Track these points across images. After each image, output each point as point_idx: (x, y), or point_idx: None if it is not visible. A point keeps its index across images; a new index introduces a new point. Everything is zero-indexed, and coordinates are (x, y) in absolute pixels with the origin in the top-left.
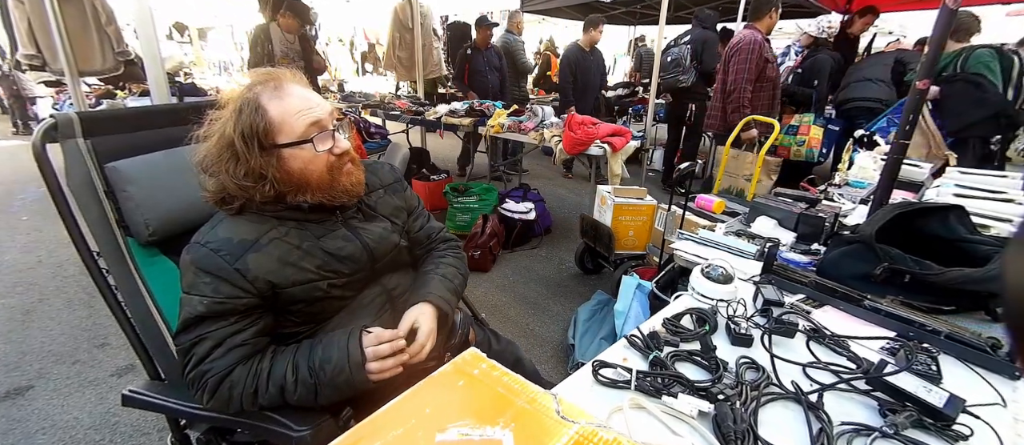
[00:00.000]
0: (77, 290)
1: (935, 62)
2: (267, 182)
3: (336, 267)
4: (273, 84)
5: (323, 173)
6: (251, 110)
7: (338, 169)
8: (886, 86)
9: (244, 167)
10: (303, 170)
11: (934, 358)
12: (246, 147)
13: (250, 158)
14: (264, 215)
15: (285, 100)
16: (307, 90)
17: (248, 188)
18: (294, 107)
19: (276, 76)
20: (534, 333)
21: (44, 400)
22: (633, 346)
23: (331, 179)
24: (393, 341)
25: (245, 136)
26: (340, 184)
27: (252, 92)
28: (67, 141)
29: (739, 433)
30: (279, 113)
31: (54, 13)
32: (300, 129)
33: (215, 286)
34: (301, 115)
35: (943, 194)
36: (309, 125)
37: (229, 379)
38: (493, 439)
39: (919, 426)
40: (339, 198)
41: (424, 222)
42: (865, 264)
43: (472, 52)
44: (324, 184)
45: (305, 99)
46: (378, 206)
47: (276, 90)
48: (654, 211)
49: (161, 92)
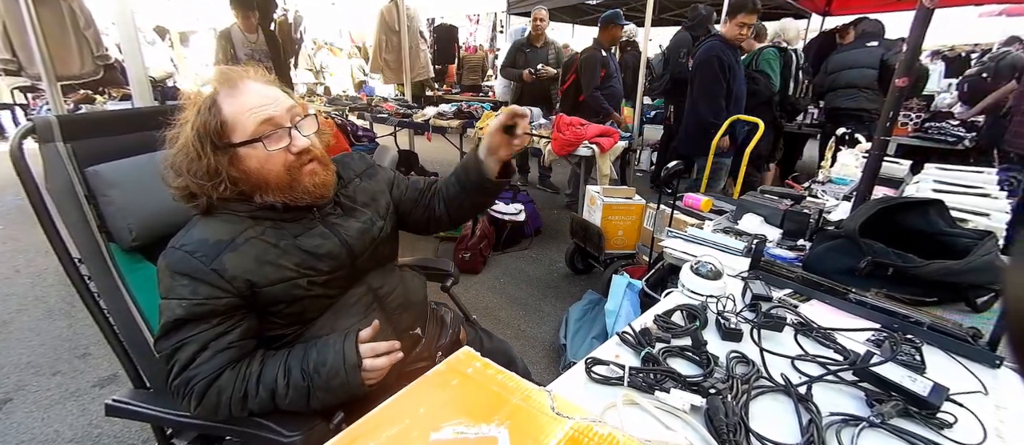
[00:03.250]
0: (57, 300)
1: (914, 61)
2: (222, 181)
3: (314, 265)
4: (230, 82)
5: (281, 173)
6: (206, 109)
7: (297, 168)
8: (873, 93)
9: (200, 166)
10: (260, 170)
11: (918, 348)
12: (201, 146)
13: (203, 157)
14: (239, 215)
15: (239, 98)
16: (267, 87)
17: (205, 186)
18: (247, 105)
19: (233, 74)
20: (526, 334)
21: (23, 413)
22: (625, 343)
23: (290, 179)
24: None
25: (200, 135)
26: (301, 184)
27: (210, 91)
28: (46, 145)
29: (731, 426)
30: (232, 111)
31: (30, 16)
32: (251, 127)
33: (193, 288)
34: (252, 113)
35: (922, 189)
36: (260, 123)
37: (217, 384)
38: (488, 437)
39: (905, 415)
40: (301, 199)
41: (406, 184)
42: (849, 258)
43: (605, 55)
44: (283, 184)
45: (261, 96)
46: (357, 196)
47: (231, 88)
48: (643, 210)
49: (143, 95)
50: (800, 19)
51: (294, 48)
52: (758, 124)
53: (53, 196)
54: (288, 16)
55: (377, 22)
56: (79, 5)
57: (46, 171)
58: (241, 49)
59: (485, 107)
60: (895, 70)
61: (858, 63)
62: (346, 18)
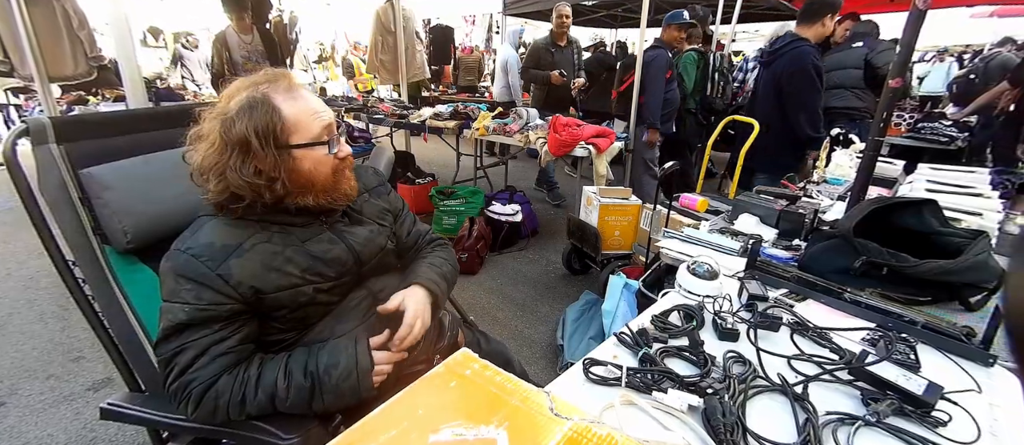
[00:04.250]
0: (49, 303)
1: (906, 62)
2: (277, 179)
3: (321, 270)
4: (285, 84)
5: (329, 175)
6: (265, 109)
7: (341, 172)
8: (860, 92)
9: (255, 165)
10: (312, 171)
11: (912, 347)
12: (261, 145)
13: (265, 156)
14: (247, 220)
15: (299, 102)
16: (316, 97)
17: (259, 186)
18: (309, 108)
19: (286, 77)
20: (523, 334)
21: (16, 417)
22: (623, 343)
23: (334, 181)
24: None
25: (259, 133)
26: (341, 187)
27: (259, 91)
28: (40, 147)
29: (728, 426)
30: (294, 113)
31: (22, 17)
32: (315, 131)
33: (197, 293)
34: (316, 117)
35: (916, 189)
36: (323, 128)
37: (214, 388)
38: (487, 438)
39: (900, 413)
40: (338, 201)
41: (411, 226)
42: (844, 258)
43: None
44: (328, 186)
45: (317, 102)
46: (364, 209)
47: (289, 91)
48: (639, 211)
49: (137, 97)
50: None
51: (289, 49)
52: (753, 125)
53: (47, 198)
54: (283, 16)
55: (373, 23)
56: (73, 6)
57: (40, 173)
58: (237, 51)
59: (481, 108)
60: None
61: (844, 64)
62: (341, 19)
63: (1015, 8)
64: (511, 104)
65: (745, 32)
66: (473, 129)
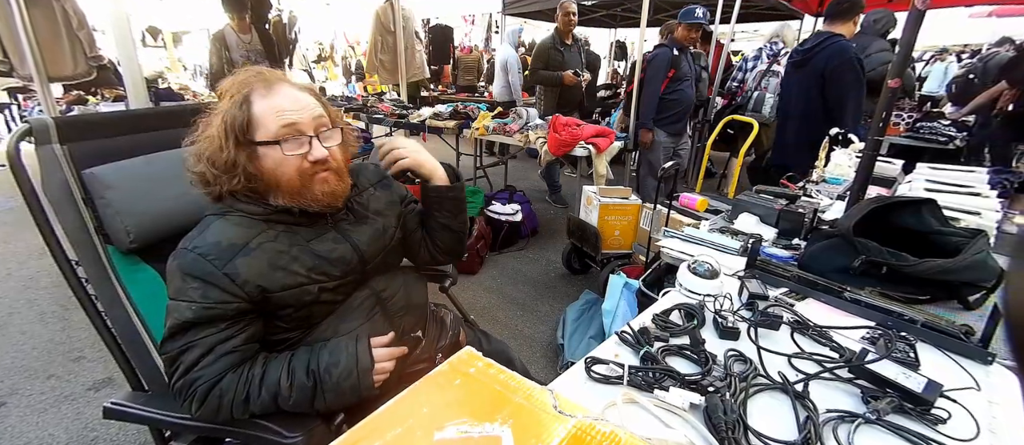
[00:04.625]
0: (50, 303)
1: (906, 61)
2: (237, 175)
3: (327, 269)
4: (267, 83)
5: (293, 177)
6: (238, 103)
7: (310, 176)
8: None
9: (220, 156)
10: (274, 170)
11: (912, 346)
12: (225, 137)
13: (225, 149)
14: (253, 218)
15: (271, 99)
16: (301, 93)
17: (220, 177)
18: (275, 106)
19: (271, 76)
20: (523, 334)
21: (17, 417)
22: (624, 342)
23: (301, 184)
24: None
25: (227, 127)
26: (311, 192)
27: (247, 86)
28: (42, 147)
29: (730, 424)
30: (261, 110)
31: (22, 16)
32: (273, 129)
33: (204, 291)
34: (279, 115)
35: (915, 189)
36: (283, 126)
37: (219, 387)
38: (492, 436)
39: (900, 411)
40: (309, 206)
41: (417, 207)
42: (844, 257)
43: (679, 53)
44: (293, 188)
45: (292, 100)
46: (369, 204)
47: (267, 89)
48: (639, 210)
49: (139, 97)
50: (793, 20)
51: (289, 48)
52: (752, 124)
53: (50, 198)
54: (282, 16)
55: (372, 23)
56: (72, 6)
57: (43, 173)
58: (236, 51)
59: (481, 107)
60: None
61: None
62: (341, 19)
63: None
64: (511, 104)
65: (744, 32)
66: (473, 129)
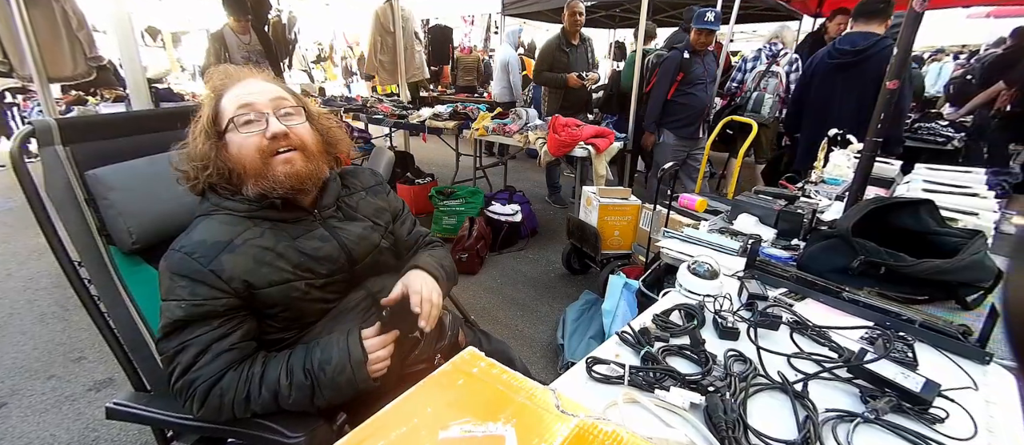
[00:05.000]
0: (50, 303)
1: (905, 63)
2: (208, 165)
3: (313, 266)
4: (233, 78)
5: (255, 157)
6: (210, 101)
7: (270, 154)
8: None
9: (197, 151)
10: (238, 154)
11: (910, 345)
12: (199, 133)
13: (199, 143)
14: (238, 215)
15: (235, 89)
16: (264, 83)
17: (198, 170)
18: (237, 94)
19: (237, 72)
20: (523, 334)
21: (18, 417)
22: (625, 342)
23: (262, 164)
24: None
25: (203, 124)
26: (272, 171)
27: (218, 87)
28: (45, 148)
29: (730, 423)
30: (225, 101)
31: (21, 17)
32: (231, 111)
33: (191, 289)
34: (236, 100)
35: (913, 189)
36: (238, 107)
37: (219, 386)
38: (496, 435)
39: (898, 410)
40: (273, 189)
41: (411, 226)
42: (843, 258)
43: (691, 56)
44: (256, 169)
45: (254, 86)
46: (359, 206)
47: (235, 83)
48: (639, 211)
49: (141, 98)
50: (792, 21)
51: (288, 49)
52: (751, 125)
53: (53, 199)
54: (281, 17)
55: (372, 23)
56: (72, 6)
57: (45, 174)
58: (236, 52)
59: (481, 108)
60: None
61: None
62: (340, 19)
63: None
64: (510, 104)
65: (742, 32)
66: (472, 129)
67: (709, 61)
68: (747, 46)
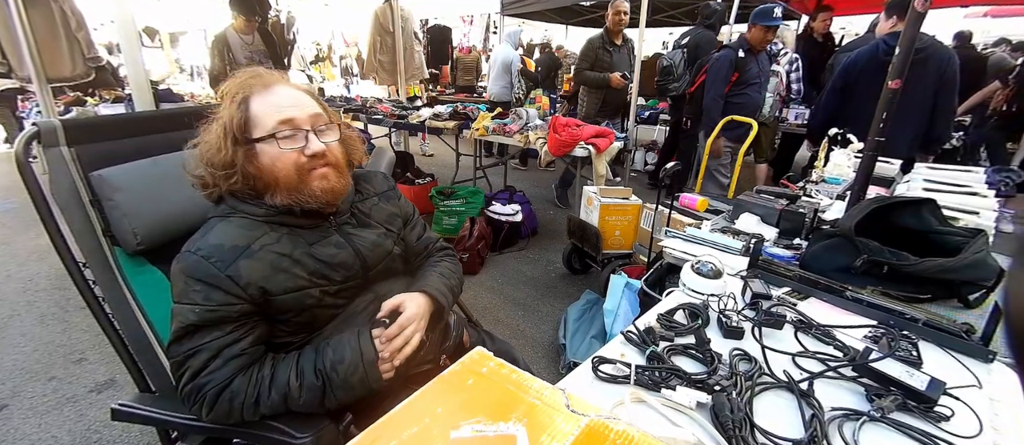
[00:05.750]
0: (50, 304)
1: (906, 63)
2: (234, 173)
3: (328, 274)
4: (264, 84)
5: (290, 172)
6: (237, 104)
7: (308, 171)
8: None
9: (219, 157)
10: (271, 166)
11: (914, 344)
12: (223, 138)
13: (224, 149)
14: (255, 220)
15: (268, 97)
16: (297, 93)
17: (218, 176)
18: (273, 103)
19: (269, 77)
20: (525, 334)
21: (20, 419)
22: (630, 342)
23: (298, 180)
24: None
25: (226, 128)
26: (309, 187)
27: (246, 88)
28: (50, 149)
29: (737, 422)
30: (258, 109)
31: (20, 18)
32: (270, 124)
33: (207, 294)
34: (276, 112)
35: (913, 189)
36: (279, 122)
37: (229, 390)
38: (507, 434)
39: (904, 409)
40: (307, 202)
41: (421, 231)
42: (845, 257)
43: (746, 55)
44: (291, 184)
45: (291, 98)
46: (372, 213)
47: (264, 89)
48: (640, 211)
49: (144, 99)
50: (790, 20)
51: (287, 49)
52: (752, 125)
53: (57, 200)
54: (280, 17)
55: (371, 23)
56: (71, 7)
57: (50, 175)
58: (240, 52)
59: (480, 108)
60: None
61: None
62: (339, 19)
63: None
64: (508, 104)
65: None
66: (472, 129)
67: (763, 59)
68: None
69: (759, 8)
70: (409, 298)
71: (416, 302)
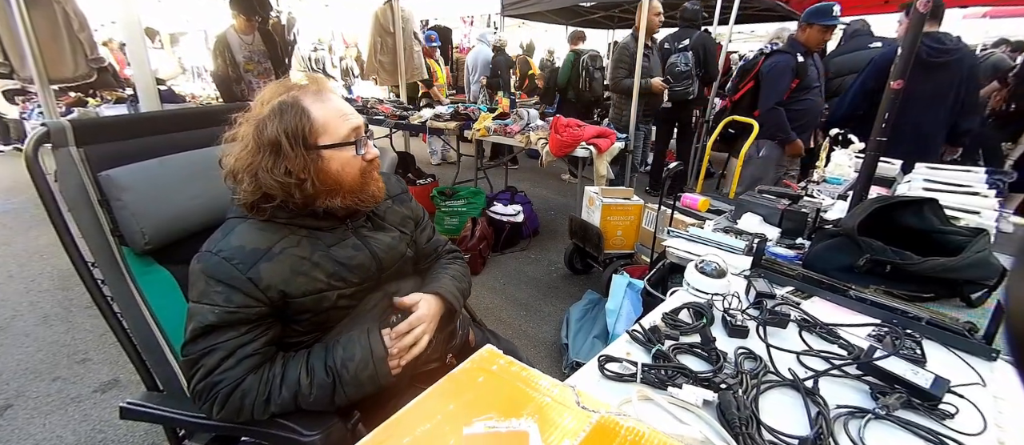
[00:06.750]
0: (52, 304)
1: (908, 63)
2: (308, 181)
3: (346, 276)
4: (315, 88)
5: (356, 176)
6: (295, 111)
7: (369, 174)
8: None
9: (285, 165)
10: (340, 172)
11: (918, 342)
12: (291, 145)
13: (294, 156)
14: (277, 223)
15: (327, 104)
16: (340, 98)
17: (289, 186)
18: (337, 110)
19: (317, 81)
20: (527, 334)
21: (24, 419)
22: (636, 341)
23: (363, 183)
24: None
25: (289, 135)
26: (368, 189)
27: (290, 95)
28: (59, 150)
29: (743, 419)
30: (322, 115)
31: (22, 18)
32: (343, 132)
33: (227, 295)
34: (344, 119)
35: (914, 188)
36: (351, 130)
37: (240, 388)
38: (519, 431)
39: (908, 407)
40: (366, 203)
41: (430, 234)
42: (848, 256)
43: (804, 58)
44: (356, 187)
45: (346, 104)
46: (387, 216)
47: (318, 94)
48: (641, 210)
49: (150, 100)
50: (791, 21)
51: (288, 50)
52: (752, 125)
53: (66, 200)
54: (281, 17)
55: (371, 24)
56: (73, 7)
57: (59, 175)
58: (240, 52)
59: (481, 109)
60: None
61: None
62: (339, 20)
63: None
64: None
65: (740, 33)
66: (473, 130)
67: (817, 61)
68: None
69: (815, 7)
70: (423, 298)
71: (429, 303)
